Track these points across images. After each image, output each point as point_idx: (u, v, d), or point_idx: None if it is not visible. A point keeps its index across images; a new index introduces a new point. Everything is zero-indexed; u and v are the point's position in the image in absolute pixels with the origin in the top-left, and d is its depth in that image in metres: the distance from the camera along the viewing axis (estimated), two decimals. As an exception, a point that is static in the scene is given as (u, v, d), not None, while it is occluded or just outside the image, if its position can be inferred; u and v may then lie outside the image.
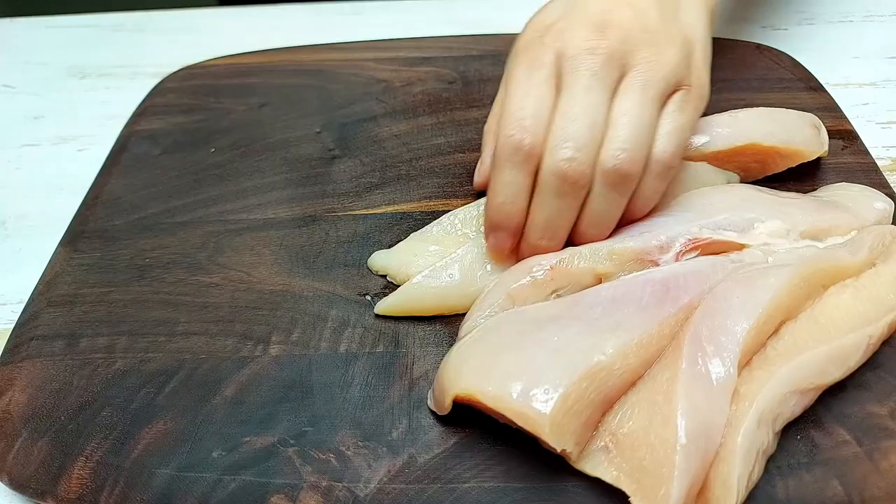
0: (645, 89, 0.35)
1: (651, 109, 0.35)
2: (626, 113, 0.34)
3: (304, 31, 0.64)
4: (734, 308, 0.32)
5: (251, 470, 0.31)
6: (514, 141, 0.34)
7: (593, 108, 0.34)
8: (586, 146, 0.34)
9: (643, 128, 0.34)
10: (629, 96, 0.35)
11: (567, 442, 0.29)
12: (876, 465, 0.30)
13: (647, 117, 0.35)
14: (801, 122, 0.42)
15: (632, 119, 0.34)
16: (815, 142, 0.42)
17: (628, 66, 0.35)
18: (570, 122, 0.34)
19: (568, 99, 0.35)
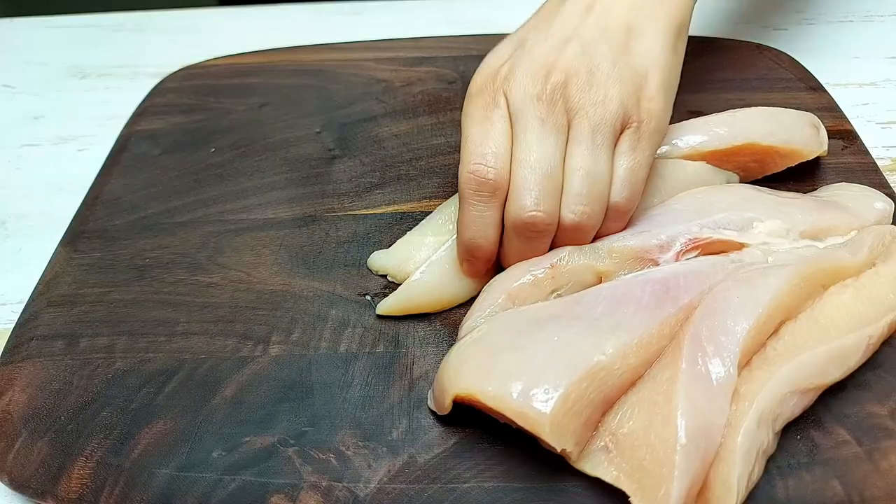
0: (593, 136, 0.35)
1: (603, 156, 0.36)
2: (579, 168, 0.35)
3: (304, 31, 0.64)
4: (734, 308, 0.32)
5: (251, 470, 0.31)
6: (478, 176, 0.35)
7: (547, 159, 0.35)
8: (546, 197, 0.35)
9: (597, 179, 0.35)
10: (579, 147, 0.35)
11: (567, 442, 0.29)
12: (876, 465, 0.30)
13: (599, 166, 0.35)
14: (801, 122, 0.42)
15: (585, 173, 0.35)
16: (814, 141, 0.42)
17: (573, 110, 0.36)
18: (528, 172, 0.35)
19: (523, 148, 0.35)
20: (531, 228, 0.35)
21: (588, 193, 0.35)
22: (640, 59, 0.38)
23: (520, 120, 0.36)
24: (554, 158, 0.35)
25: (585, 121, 0.36)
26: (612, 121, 0.36)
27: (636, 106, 0.36)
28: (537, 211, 0.35)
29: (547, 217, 0.35)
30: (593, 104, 0.36)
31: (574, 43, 0.37)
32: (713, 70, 0.52)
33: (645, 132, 0.37)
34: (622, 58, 0.37)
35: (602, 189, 0.36)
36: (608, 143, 0.36)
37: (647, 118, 0.37)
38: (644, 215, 0.38)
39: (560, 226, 0.36)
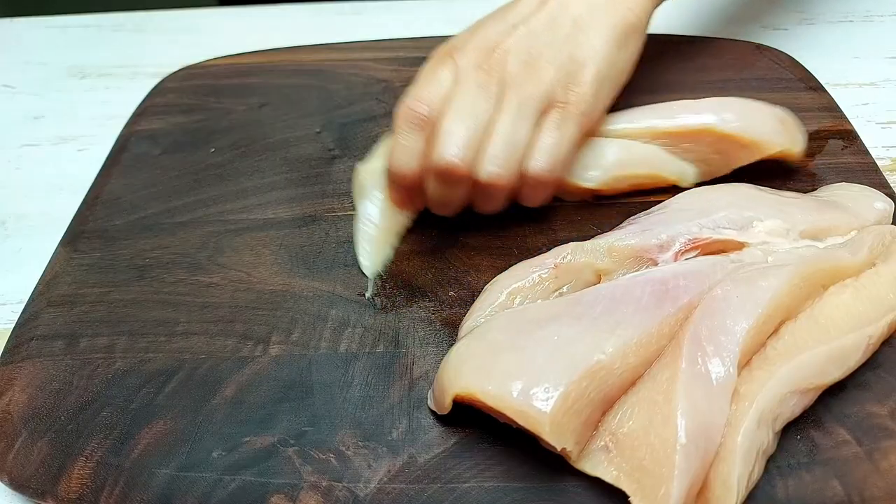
0: (519, 108, 0.39)
1: (524, 127, 0.39)
2: (500, 131, 0.39)
3: (304, 31, 0.64)
4: (734, 308, 0.32)
5: (251, 470, 0.31)
6: (412, 109, 0.39)
7: (475, 117, 0.39)
8: (467, 149, 0.38)
9: (514, 145, 0.39)
10: (504, 115, 0.39)
11: (567, 441, 0.29)
12: (876, 465, 0.30)
13: (518, 135, 0.39)
14: (765, 114, 0.42)
15: (504, 136, 0.38)
16: (779, 136, 0.41)
17: (507, 84, 0.40)
18: (456, 123, 0.38)
19: (457, 103, 0.39)
20: (448, 173, 0.38)
21: (503, 156, 0.38)
22: (581, 51, 0.41)
23: (461, 83, 0.40)
24: (481, 119, 0.39)
25: (515, 94, 0.39)
26: (539, 98, 0.39)
27: (566, 90, 0.40)
28: (456, 158, 0.38)
29: (464, 166, 0.38)
30: (525, 81, 0.39)
31: (522, 29, 0.41)
32: (713, 70, 0.52)
33: (571, 113, 0.40)
34: (564, 47, 0.41)
35: (517, 156, 0.39)
36: (531, 116, 0.39)
37: (575, 101, 0.40)
38: (645, 215, 0.38)
39: (474, 181, 0.39)
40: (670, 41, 0.55)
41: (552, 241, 0.40)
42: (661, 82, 0.51)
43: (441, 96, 0.39)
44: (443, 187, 0.39)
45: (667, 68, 0.52)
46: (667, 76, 0.51)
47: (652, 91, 0.50)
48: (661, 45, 0.54)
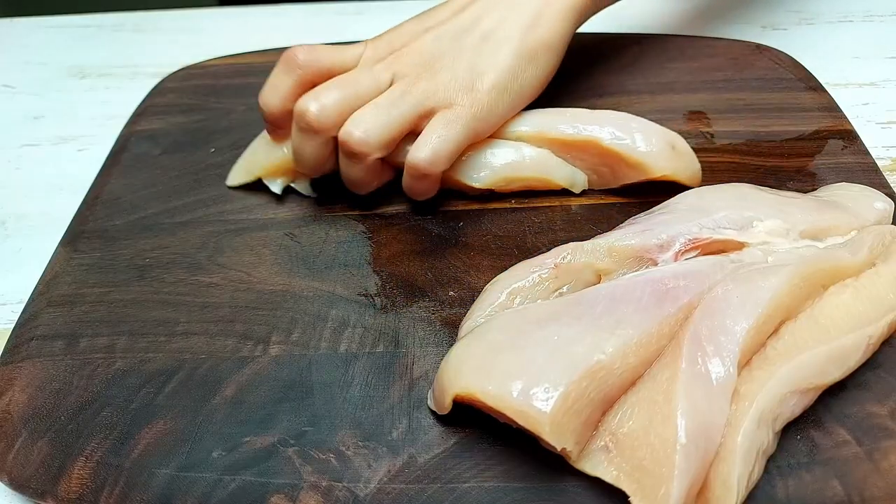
0: (402, 94, 0.40)
1: (400, 109, 0.40)
2: (374, 104, 0.40)
3: (304, 31, 0.64)
4: (734, 308, 0.32)
5: (251, 470, 0.31)
6: (292, 54, 0.42)
7: (353, 89, 0.40)
8: (329, 107, 0.40)
9: (383, 119, 0.40)
10: (385, 95, 0.41)
11: (567, 441, 0.29)
12: (876, 465, 0.30)
13: (393, 114, 0.40)
14: (655, 136, 0.41)
15: (376, 109, 0.40)
16: (666, 161, 0.41)
17: (399, 75, 0.42)
18: (330, 87, 0.41)
19: (343, 76, 0.41)
20: (302, 118, 0.40)
21: (368, 122, 0.40)
22: (482, 62, 0.42)
23: (358, 67, 0.42)
24: (356, 90, 0.40)
25: (403, 84, 0.41)
26: (426, 93, 0.41)
27: (462, 93, 0.41)
28: (311, 107, 0.40)
29: (316, 114, 0.40)
30: (417, 77, 0.41)
31: (432, 33, 0.43)
32: (713, 70, 0.52)
33: (463, 116, 0.41)
34: (465, 55, 0.42)
35: (384, 129, 0.40)
36: (411, 105, 0.40)
37: (468, 104, 0.41)
38: (645, 215, 0.38)
39: (336, 142, 0.41)
40: (670, 41, 0.55)
41: (552, 241, 0.40)
42: (660, 82, 0.51)
43: (329, 62, 0.42)
44: (298, 134, 0.41)
45: (667, 68, 0.52)
46: (667, 76, 0.51)
47: (652, 91, 0.50)
48: (662, 45, 0.54)
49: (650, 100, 0.49)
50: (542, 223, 0.42)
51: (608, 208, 0.42)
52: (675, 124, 0.47)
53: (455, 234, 0.41)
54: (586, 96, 0.49)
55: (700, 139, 0.46)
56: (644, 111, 0.48)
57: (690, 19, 0.62)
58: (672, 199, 0.39)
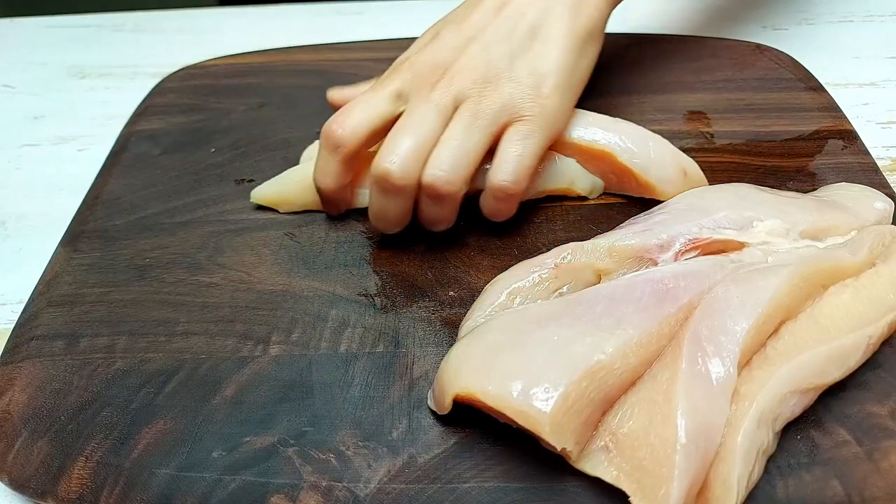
0: (473, 118, 0.38)
1: (477, 136, 0.38)
2: (450, 138, 0.38)
3: (303, 31, 0.64)
4: (734, 308, 0.32)
5: (251, 470, 0.31)
6: (328, 132, 0.39)
7: (420, 127, 0.38)
8: (408, 160, 0.38)
9: (464, 152, 0.38)
10: (455, 124, 0.39)
11: (567, 441, 0.29)
12: (876, 465, 0.30)
13: (470, 143, 0.38)
14: (668, 160, 0.41)
15: (454, 143, 0.38)
16: (674, 186, 0.41)
17: (461, 98, 0.39)
18: (400, 137, 0.38)
19: (405, 118, 0.39)
20: (385, 180, 0.38)
21: (450, 160, 0.38)
22: (541, 62, 0.40)
23: (410, 100, 0.39)
24: (427, 130, 0.38)
25: (470, 106, 0.39)
26: (497, 111, 0.39)
27: (529, 103, 0.39)
28: (393, 166, 0.37)
29: (400, 172, 0.37)
30: (481, 95, 0.39)
31: (478, 43, 0.40)
32: (713, 70, 0.52)
33: (536, 126, 0.39)
34: (521, 59, 0.40)
35: (467, 162, 0.38)
36: (486, 128, 0.39)
37: (539, 113, 0.39)
38: (645, 215, 0.38)
39: (420, 186, 0.38)
40: (670, 41, 0.55)
41: (552, 241, 0.40)
42: (661, 82, 0.51)
43: (367, 120, 0.39)
44: (382, 196, 0.38)
45: (667, 68, 0.52)
46: (667, 76, 0.51)
47: (652, 91, 0.50)
48: (662, 45, 0.54)
49: (650, 100, 0.49)
50: (542, 223, 0.42)
51: (608, 208, 0.42)
52: (675, 124, 0.47)
53: (455, 234, 0.41)
54: (587, 96, 0.49)
55: (700, 139, 0.46)
56: (644, 111, 0.48)
57: (690, 19, 0.62)
58: (672, 199, 0.39)
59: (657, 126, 0.47)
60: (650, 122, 0.47)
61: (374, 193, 0.39)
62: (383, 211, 0.39)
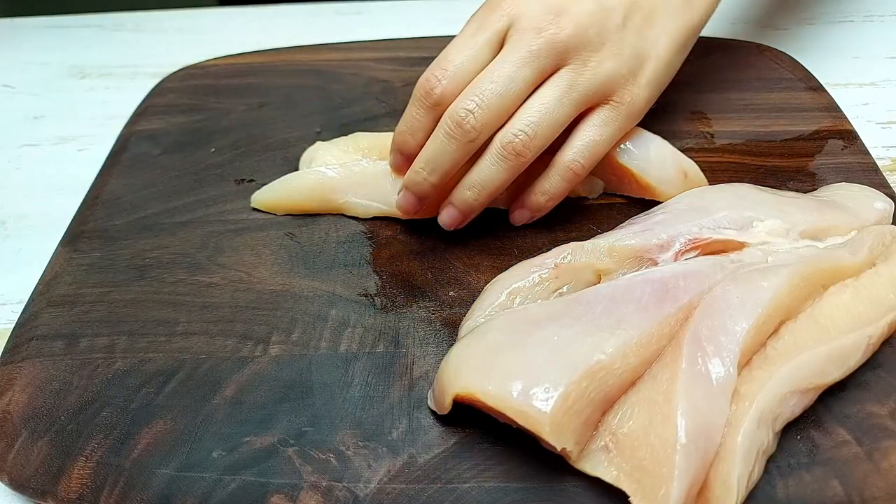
0: (570, 89, 0.37)
1: (567, 109, 0.37)
2: (542, 102, 0.37)
3: (303, 31, 0.64)
4: (734, 308, 0.32)
5: (251, 470, 0.31)
6: (428, 85, 0.38)
7: (515, 82, 0.36)
8: (490, 108, 0.36)
9: (551, 121, 0.37)
10: (552, 89, 0.37)
11: (567, 441, 0.29)
12: (876, 465, 0.30)
13: (559, 114, 0.37)
14: (668, 161, 0.41)
15: (544, 109, 0.36)
16: (675, 187, 0.41)
17: (565, 61, 0.37)
18: (487, 83, 0.36)
19: (498, 64, 0.36)
20: (457, 124, 0.36)
21: (537, 125, 0.36)
22: (647, 46, 0.39)
23: (511, 43, 0.37)
24: (519, 86, 0.36)
25: (569, 74, 0.37)
26: (593, 88, 0.37)
27: (624, 85, 0.38)
28: (472, 112, 0.36)
29: (477, 122, 0.36)
30: (585, 64, 0.37)
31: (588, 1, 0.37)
32: (713, 70, 0.52)
33: (621, 115, 0.38)
34: (631, 35, 0.38)
35: (549, 131, 0.37)
36: (579, 103, 0.37)
37: (628, 101, 0.38)
38: (645, 215, 0.38)
39: (491, 145, 0.37)
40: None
41: (552, 241, 0.40)
42: (661, 82, 0.51)
43: (466, 70, 0.37)
44: (446, 142, 0.37)
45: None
46: (667, 76, 0.51)
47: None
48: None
49: (650, 100, 0.49)
50: (542, 223, 0.42)
51: (608, 208, 0.42)
52: (675, 124, 0.47)
53: (455, 234, 0.41)
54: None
55: (700, 139, 0.46)
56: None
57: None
58: (672, 199, 0.39)
59: (657, 126, 0.47)
60: (650, 122, 0.47)
61: (440, 133, 0.37)
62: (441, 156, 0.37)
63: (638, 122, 0.41)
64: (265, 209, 0.43)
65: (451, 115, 0.36)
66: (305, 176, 0.43)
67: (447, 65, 0.37)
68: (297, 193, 0.43)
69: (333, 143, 0.46)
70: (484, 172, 0.38)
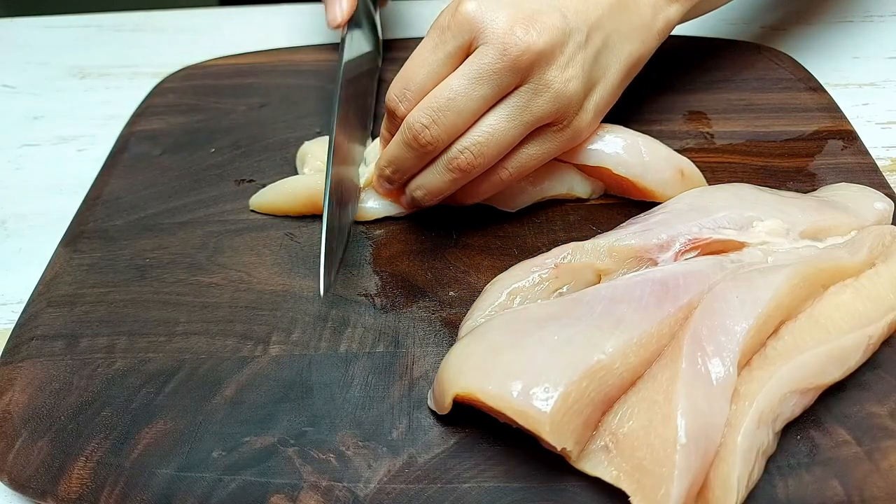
0: (523, 111, 0.37)
1: (517, 131, 0.37)
2: (492, 124, 0.37)
3: (303, 31, 0.64)
4: (734, 308, 0.32)
5: (251, 470, 0.31)
6: (392, 104, 0.38)
7: (473, 99, 0.36)
8: (445, 124, 0.36)
9: (498, 142, 0.37)
10: (506, 110, 0.37)
11: (567, 441, 0.29)
12: (876, 465, 0.30)
13: (508, 136, 0.37)
14: (663, 162, 0.41)
15: (493, 131, 0.37)
16: (673, 188, 0.41)
17: (526, 80, 0.36)
18: (445, 98, 0.36)
19: (458, 79, 0.36)
20: (414, 137, 0.37)
21: (482, 146, 0.37)
22: (600, 71, 0.39)
23: (475, 58, 0.36)
24: (476, 104, 0.36)
25: (525, 96, 0.37)
26: (547, 112, 0.37)
27: (573, 110, 0.38)
28: (427, 128, 0.36)
29: (432, 138, 0.37)
30: (542, 84, 0.36)
31: (558, 15, 0.37)
32: (713, 70, 0.52)
33: (564, 136, 0.39)
34: (589, 58, 0.38)
35: (496, 150, 0.37)
36: (528, 125, 0.37)
37: (574, 126, 0.39)
38: (645, 215, 0.38)
39: (442, 155, 0.38)
40: (670, 41, 0.55)
41: (552, 241, 0.40)
42: (661, 82, 0.51)
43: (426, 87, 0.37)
44: (403, 149, 0.38)
45: (667, 68, 0.52)
46: (667, 76, 0.51)
47: (652, 91, 0.50)
48: (662, 45, 0.54)
49: (650, 100, 0.49)
50: (542, 223, 0.42)
51: (608, 208, 0.42)
52: (675, 124, 0.47)
53: (455, 234, 0.41)
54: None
55: (700, 139, 0.46)
56: (644, 111, 0.48)
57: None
58: (672, 199, 0.39)
59: (657, 126, 0.47)
60: (650, 122, 0.47)
61: (399, 140, 0.38)
62: (400, 160, 0.39)
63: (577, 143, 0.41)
64: (264, 211, 0.43)
65: (409, 126, 0.37)
66: (303, 178, 0.43)
67: (408, 83, 0.38)
68: (295, 195, 0.43)
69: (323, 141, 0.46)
70: (431, 179, 0.39)
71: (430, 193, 0.39)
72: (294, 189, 0.43)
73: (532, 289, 0.35)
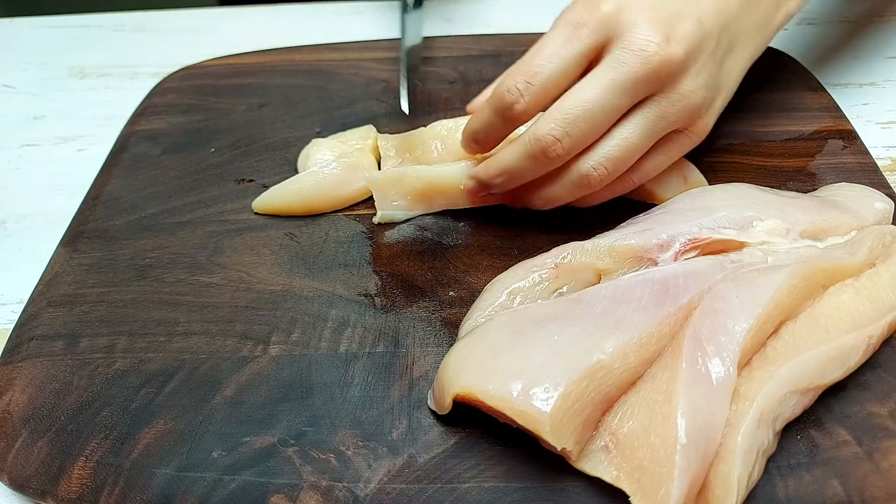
0: (658, 120, 0.35)
1: (650, 141, 0.37)
2: (626, 137, 0.36)
3: (303, 31, 0.64)
4: (734, 308, 0.32)
5: (251, 470, 0.31)
6: (510, 98, 0.35)
7: (609, 112, 0.35)
8: (578, 136, 0.35)
9: (632, 155, 0.36)
10: (641, 121, 0.35)
11: (567, 441, 0.29)
12: (876, 465, 0.30)
13: (641, 147, 0.36)
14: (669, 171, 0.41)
15: (628, 146, 0.36)
16: (675, 192, 0.41)
17: (662, 90, 0.35)
18: (579, 109, 0.34)
19: (592, 87, 0.34)
20: (542, 148, 0.35)
21: (616, 161, 0.36)
22: (725, 75, 0.38)
23: (611, 63, 0.34)
24: (611, 116, 0.35)
25: (661, 106, 0.35)
26: (681, 120, 0.36)
27: (700, 115, 0.37)
28: (558, 141, 0.34)
29: (562, 151, 0.35)
30: (677, 93, 0.35)
31: (695, 20, 0.35)
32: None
33: (686, 143, 0.38)
34: (717, 63, 0.37)
35: (627, 163, 0.36)
36: (661, 134, 0.36)
37: (699, 130, 0.38)
38: (645, 215, 0.38)
39: (568, 166, 0.36)
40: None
41: (552, 241, 0.40)
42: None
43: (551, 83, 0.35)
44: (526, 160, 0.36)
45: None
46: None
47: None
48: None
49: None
50: (542, 223, 0.42)
51: (608, 208, 0.42)
52: (675, 124, 0.47)
53: (455, 234, 0.41)
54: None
55: (700, 139, 0.46)
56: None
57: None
58: (672, 199, 0.39)
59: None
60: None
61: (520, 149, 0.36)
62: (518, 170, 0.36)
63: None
64: (267, 213, 0.43)
65: (537, 138, 0.35)
66: (305, 178, 0.43)
67: (532, 77, 0.35)
68: (298, 197, 0.43)
69: (328, 140, 0.46)
70: (557, 193, 0.38)
71: (551, 203, 0.39)
72: (298, 190, 0.43)
73: (532, 289, 0.35)
